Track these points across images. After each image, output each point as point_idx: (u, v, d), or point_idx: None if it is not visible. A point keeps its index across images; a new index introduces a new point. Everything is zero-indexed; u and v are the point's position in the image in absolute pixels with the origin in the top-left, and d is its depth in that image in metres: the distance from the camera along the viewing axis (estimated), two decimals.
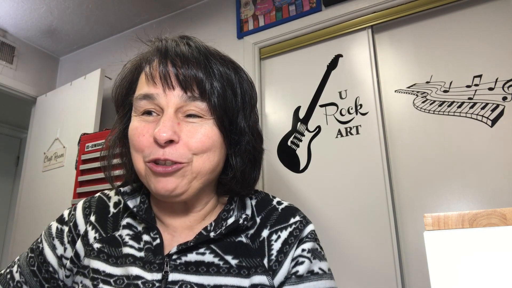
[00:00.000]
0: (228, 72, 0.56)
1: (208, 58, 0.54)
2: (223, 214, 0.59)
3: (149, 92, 0.52)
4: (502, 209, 0.37)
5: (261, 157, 0.62)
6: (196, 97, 0.52)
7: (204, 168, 0.53)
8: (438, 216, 0.40)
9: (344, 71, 1.83)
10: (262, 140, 0.62)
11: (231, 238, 0.56)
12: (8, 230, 3.44)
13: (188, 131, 0.52)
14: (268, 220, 0.59)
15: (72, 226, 0.62)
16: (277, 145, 1.92)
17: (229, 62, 0.58)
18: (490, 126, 1.47)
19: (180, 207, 0.59)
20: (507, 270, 0.34)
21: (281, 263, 0.55)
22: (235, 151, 0.57)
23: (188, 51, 0.53)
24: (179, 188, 0.52)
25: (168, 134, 0.49)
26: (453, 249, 0.37)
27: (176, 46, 0.54)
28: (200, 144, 0.52)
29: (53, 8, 2.43)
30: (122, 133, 0.60)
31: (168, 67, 0.52)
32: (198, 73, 0.52)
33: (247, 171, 0.58)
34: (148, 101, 0.53)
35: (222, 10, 2.28)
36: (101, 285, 0.54)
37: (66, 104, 2.51)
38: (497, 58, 1.51)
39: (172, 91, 0.51)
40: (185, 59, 0.52)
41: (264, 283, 0.53)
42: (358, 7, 1.81)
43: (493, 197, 1.40)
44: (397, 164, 1.62)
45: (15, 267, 0.64)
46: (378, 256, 1.53)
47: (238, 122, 0.56)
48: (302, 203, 1.76)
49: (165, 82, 0.51)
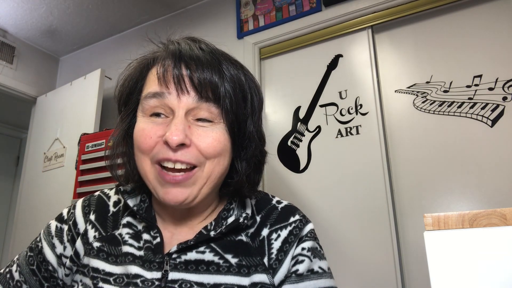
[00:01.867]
0: (239, 75, 0.56)
1: (220, 61, 0.54)
2: (223, 214, 0.59)
3: (160, 90, 0.51)
4: (502, 209, 0.37)
5: (264, 159, 0.62)
6: (209, 99, 0.51)
7: (214, 173, 0.53)
8: (438, 216, 0.40)
9: (344, 71, 1.83)
10: (265, 143, 0.62)
11: (231, 237, 0.56)
12: (8, 230, 3.44)
13: (199, 135, 0.51)
14: (268, 219, 0.59)
15: (71, 225, 0.62)
16: (277, 145, 1.92)
17: (239, 65, 0.58)
18: (490, 126, 1.47)
19: (182, 208, 0.59)
20: (507, 270, 0.34)
21: (281, 262, 0.55)
22: (241, 155, 0.57)
23: (201, 54, 0.53)
24: (190, 197, 0.52)
25: (180, 138, 0.49)
26: (453, 249, 0.37)
27: (190, 49, 0.53)
28: (212, 149, 0.51)
29: (53, 8, 2.43)
30: (125, 132, 0.59)
31: (182, 70, 0.51)
32: (212, 77, 0.51)
33: (252, 174, 0.59)
34: (157, 99, 0.52)
35: (222, 10, 2.29)
36: (101, 283, 0.53)
37: (66, 104, 2.51)
38: (497, 58, 1.51)
39: (185, 94, 0.51)
40: (199, 62, 0.51)
41: (264, 281, 0.53)
42: (358, 7, 1.81)
43: (493, 197, 1.40)
44: (397, 164, 1.62)
45: (14, 266, 0.64)
46: (378, 256, 1.53)
47: (247, 127, 0.56)
48: (302, 203, 1.76)
49: (178, 84, 0.51)
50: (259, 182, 0.62)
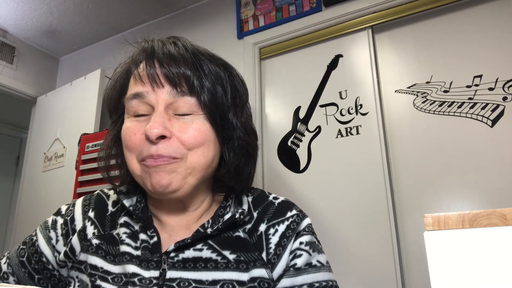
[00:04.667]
0: (217, 69, 0.56)
1: (196, 55, 0.55)
2: (220, 211, 0.59)
3: (138, 91, 0.53)
4: (502, 209, 0.37)
5: (255, 153, 0.62)
6: (185, 92, 0.52)
7: (199, 164, 0.53)
8: (438, 216, 0.40)
9: (344, 71, 1.83)
10: (256, 137, 0.62)
11: (229, 233, 0.57)
12: (8, 230, 3.44)
13: (179, 127, 0.52)
14: (265, 214, 0.60)
15: (68, 220, 0.63)
16: (277, 145, 1.92)
17: (219, 60, 0.58)
18: (490, 126, 1.47)
19: (177, 206, 0.59)
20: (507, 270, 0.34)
21: (279, 256, 0.55)
22: (228, 146, 0.58)
23: (174, 49, 0.54)
24: (174, 184, 0.52)
25: (159, 130, 0.50)
26: (453, 249, 0.37)
27: (163, 46, 0.55)
28: (193, 139, 0.52)
29: (53, 8, 2.43)
30: (116, 136, 0.60)
31: (156, 66, 0.53)
32: (186, 70, 0.53)
33: (241, 166, 0.59)
34: (138, 100, 0.53)
35: (222, 10, 2.29)
36: (99, 281, 0.54)
37: (66, 104, 2.51)
38: (497, 58, 1.51)
39: (161, 89, 0.52)
40: (171, 57, 0.53)
41: (263, 276, 0.53)
42: (358, 7, 1.81)
43: (493, 197, 1.40)
44: (397, 164, 1.62)
45: (3, 259, 0.65)
46: (378, 256, 1.53)
47: (229, 117, 0.57)
48: (302, 203, 1.76)
49: (153, 80, 0.52)
50: (252, 176, 0.62)
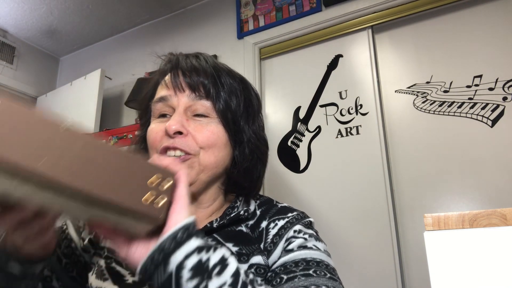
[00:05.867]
0: (233, 81, 0.65)
1: (215, 68, 0.63)
2: (228, 210, 0.63)
3: (163, 94, 0.62)
4: (502, 209, 0.37)
5: (265, 157, 0.69)
6: (203, 96, 0.61)
7: (210, 162, 0.60)
8: (438, 216, 0.40)
9: (344, 71, 1.83)
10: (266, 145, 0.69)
11: (232, 228, 0.61)
12: None
13: (195, 127, 0.60)
14: (267, 213, 0.64)
15: None
16: (277, 145, 1.92)
17: (236, 74, 0.67)
18: (490, 126, 1.47)
19: None
20: (507, 270, 0.34)
21: (276, 244, 0.58)
22: (239, 149, 0.64)
23: (196, 62, 0.63)
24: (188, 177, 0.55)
25: (176, 126, 0.57)
26: (453, 249, 0.37)
27: (186, 58, 0.64)
28: (206, 138, 0.59)
29: (53, 8, 2.43)
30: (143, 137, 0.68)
31: (179, 75, 0.62)
32: (205, 79, 0.61)
33: (250, 167, 0.65)
34: (163, 103, 0.62)
35: (222, 10, 2.29)
36: (113, 264, 0.58)
37: (66, 104, 2.51)
38: (497, 58, 1.51)
39: (182, 93, 0.61)
40: (193, 68, 0.62)
41: (260, 262, 0.56)
42: (358, 7, 1.81)
43: (493, 197, 1.40)
44: (397, 164, 1.62)
45: None
46: (378, 256, 1.53)
47: (241, 124, 0.64)
48: (302, 203, 1.76)
49: (176, 86, 0.61)
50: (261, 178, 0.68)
